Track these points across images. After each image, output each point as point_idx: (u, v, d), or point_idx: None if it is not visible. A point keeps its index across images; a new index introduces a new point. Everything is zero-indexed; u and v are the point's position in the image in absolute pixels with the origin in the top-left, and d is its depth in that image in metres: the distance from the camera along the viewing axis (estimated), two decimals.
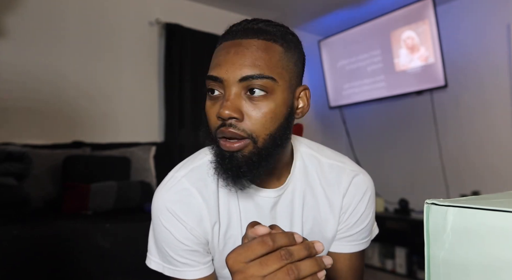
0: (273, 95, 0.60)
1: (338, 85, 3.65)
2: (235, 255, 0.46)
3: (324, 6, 3.21)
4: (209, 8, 3.13)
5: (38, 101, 2.34)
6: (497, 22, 2.78)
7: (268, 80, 0.59)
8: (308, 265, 0.45)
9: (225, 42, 0.62)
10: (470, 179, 2.91)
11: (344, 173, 0.74)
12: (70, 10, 2.51)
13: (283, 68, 0.61)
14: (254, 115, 0.59)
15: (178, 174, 0.70)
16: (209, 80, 0.61)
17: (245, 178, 0.62)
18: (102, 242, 1.58)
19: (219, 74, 0.59)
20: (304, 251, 0.45)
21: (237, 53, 0.59)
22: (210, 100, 0.62)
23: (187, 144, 2.80)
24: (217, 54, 0.62)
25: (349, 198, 0.73)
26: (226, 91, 0.59)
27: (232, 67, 0.59)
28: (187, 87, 2.88)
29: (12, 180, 1.72)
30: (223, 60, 0.60)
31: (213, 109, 0.61)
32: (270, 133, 0.60)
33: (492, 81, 2.82)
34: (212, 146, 0.64)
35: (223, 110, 0.57)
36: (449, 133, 3.05)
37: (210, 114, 0.62)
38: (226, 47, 0.61)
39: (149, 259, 0.72)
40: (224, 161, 0.60)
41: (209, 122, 0.62)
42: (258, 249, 0.45)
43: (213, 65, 0.61)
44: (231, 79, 0.58)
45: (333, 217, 0.73)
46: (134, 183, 2.17)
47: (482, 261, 0.31)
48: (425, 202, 0.36)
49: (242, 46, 0.60)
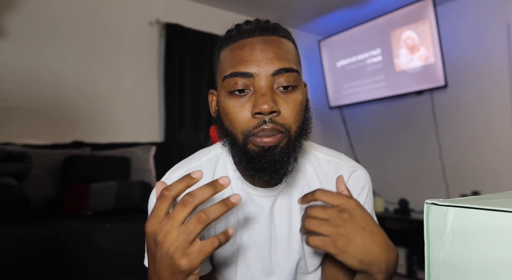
0: (299, 88, 0.62)
1: (338, 85, 3.65)
2: (147, 223, 0.48)
3: (324, 6, 3.21)
4: (209, 8, 3.13)
5: (38, 101, 2.34)
6: (497, 22, 2.78)
7: (295, 73, 0.61)
8: (216, 208, 0.47)
9: (243, 40, 0.61)
10: (470, 179, 2.91)
11: (342, 168, 0.74)
12: (70, 10, 2.51)
13: (298, 63, 0.65)
14: (287, 108, 0.60)
15: (174, 174, 0.71)
16: (236, 77, 0.59)
17: (282, 172, 0.61)
18: (102, 242, 1.58)
19: (249, 70, 0.58)
20: (208, 190, 0.47)
21: (265, 49, 0.60)
22: (235, 99, 0.60)
23: (187, 144, 2.80)
24: (237, 51, 0.61)
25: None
26: (259, 86, 0.59)
27: (263, 62, 0.59)
28: (187, 87, 2.88)
29: (12, 180, 1.72)
30: (250, 56, 0.59)
31: (241, 108, 0.59)
32: (300, 125, 0.62)
33: (492, 81, 2.82)
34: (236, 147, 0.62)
35: (262, 104, 0.57)
36: (449, 133, 3.05)
37: (238, 114, 0.60)
38: (249, 44, 0.60)
39: (146, 259, 0.72)
40: (259, 157, 0.59)
41: (236, 123, 0.60)
42: (160, 204, 0.47)
43: (237, 62, 0.60)
44: (263, 73, 0.59)
45: None
46: (134, 183, 2.17)
47: (482, 261, 0.31)
48: (425, 202, 0.36)
49: (267, 42, 0.60)
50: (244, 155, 0.61)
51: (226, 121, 0.62)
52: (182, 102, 2.84)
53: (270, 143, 0.58)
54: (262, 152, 0.59)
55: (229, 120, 0.61)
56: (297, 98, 0.61)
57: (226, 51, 0.63)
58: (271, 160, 0.59)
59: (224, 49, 0.64)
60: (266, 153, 0.59)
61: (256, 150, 0.60)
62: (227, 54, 0.62)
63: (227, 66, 0.61)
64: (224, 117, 0.63)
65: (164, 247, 0.46)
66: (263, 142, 0.58)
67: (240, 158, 0.63)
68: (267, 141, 0.58)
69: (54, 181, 2.10)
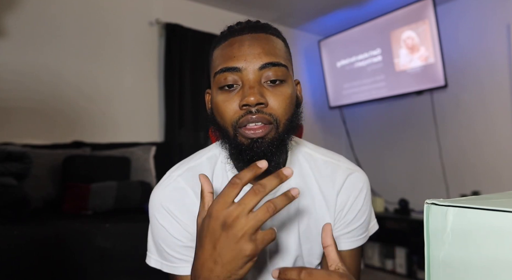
0: (288, 82, 0.64)
1: (338, 85, 3.65)
2: (214, 206, 0.49)
3: (324, 6, 3.21)
4: (209, 8, 3.13)
5: (38, 101, 2.34)
6: (497, 22, 2.78)
7: (283, 68, 0.63)
8: (281, 199, 0.49)
9: (232, 38, 0.64)
10: (470, 179, 2.91)
11: (339, 169, 0.75)
12: (70, 10, 2.51)
13: (288, 59, 0.67)
14: (275, 100, 0.61)
15: (174, 173, 0.72)
16: (225, 72, 0.62)
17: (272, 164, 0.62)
18: (102, 242, 1.58)
19: (237, 64, 0.61)
20: (275, 180, 0.50)
21: (252, 44, 0.63)
22: (225, 94, 0.62)
23: (187, 144, 2.80)
24: (227, 49, 0.63)
25: (344, 195, 0.74)
26: (246, 80, 0.61)
27: (250, 56, 0.61)
28: (187, 87, 2.88)
29: (12, 180, 1.72)
30: (238, 52, 0.62)
31: (230, 102, 0.62)
32: (289, 118, 0.63)
33: (492, 81, 2.82)
34: (228, 140, 0.64)
35: (249, 97, 0.59)
36: (449, 133, 3.05)
37: (227, 107, 0.62)
38: (238, 41, 0.63)
39: (148, 257, 0.73)
40: (248, 149, 0.61)
41: (226, 116, 0.62)
42: (230, 191, 0.49)
43: (227, 58, 0.62)
44: (250, 67, 0.61)
45: (329, 214, 0.73)
46: (134, 183, 2.17)
47: (482, 261, 0.31)
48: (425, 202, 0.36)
49: (255, 38, 0.63)
50: (234, 148, 0.63)
51: (217, 116, 0.64)
52: (182, 102, 2.84)
53: (258, 134, 0.60)
54: (251, 144, 0.61)
55: (220, 114, 0.63)
56: (285, 92, 0.62)
57: (217, 50, 0.66)
58: (259, 151, 0.60)
59: (216, 48, 0.67)
60: (254, 145, 0.60)
61: (245, 142, 0.61)
62: (218, 52, 0.65)
63: (218, 63, 0.64)
64: (216, 113, 0.65)
65: (233, 231, 0.48)
66: (251, 133, 0.60)
67: (231, 151, 0.65)
68: (254, 129, 0.60)
69: (54, 181, 2.10)
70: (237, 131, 0.61)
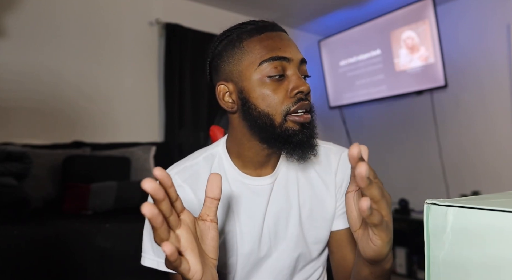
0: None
1: (338, 85, 3.65)
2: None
3: (324, 6, 3.21)
4: (209, 8, 3.13)
5: (38, 101, 2.34)
6: (497, 22, 2.78)
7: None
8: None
9: (267, 32, 0.67)
10: (470, 179, 2.91)
11: (331, 153, 0.78)
12: (70, 10, 2.51)
13: None
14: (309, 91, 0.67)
15: (171, 172, 0.72)
16: (276, 61, 0.64)
17: (315, 146, 0.67)
18: (102, 242, 1.58)
19: (287, 55, 0.65)
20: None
21: (289, 40, 0.68)
22: (275, 83, 0.65)
23: (187, 144, 2.80)
24: (268, 40, 0.65)
25: (341, 174, 0.76)
26: (293, 70, 0.66)
27: (294, 50, 0.66)
28: (187, 87, 2.88)
29: (12, 180, 1.72)
30: (282, 44, 0.65)
31: (280, 90, 0.65)
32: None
33: (492, 81, 2.82)
34: (271, 129, 0.65)
35: (303, 85, 0.64)
36: (449, 133, 3.05)
37: (278, 95, 0.64)
38: (276, 35, 0.66)
39: (143, 258, 0.72)
40: (298, 133, 0.65)
41: (277, 103, 0.64)
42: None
43: (272, 48, 0.64)
44: (295, 59, 0.66)
45: (330, 196, 0.75)
46: (134, 183, 2.16)
47: (482, 261, 0.31)
48: (425, 202, 0.36)
49: (285, 35, 0.69)
50: (280, 134, 0.65)
51: (261, 105, 0.65)
52: (182, 102, 2.84)
53: (307, 120, 0.65)
54: (301, 128, 0.65)
55: (267, 102, 0.65)
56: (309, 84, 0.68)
57: (252, 41, 0.66)
58: (308, 134, 0.66)
59: (247, 40, 0.66)
60: (304, 128, 0.65)
61: (294, 128, 0.65)
62: (255, 44, 0.65)
63: (261, 53, 0.64)
64: (259, 102, 0.65)
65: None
66: (303, 118, 0.64)
67: (272, 138, 0.66)
68: (306, 117, 0.65)
69: (54, 181, 2.10)
70: (287, 118, 0.64)
